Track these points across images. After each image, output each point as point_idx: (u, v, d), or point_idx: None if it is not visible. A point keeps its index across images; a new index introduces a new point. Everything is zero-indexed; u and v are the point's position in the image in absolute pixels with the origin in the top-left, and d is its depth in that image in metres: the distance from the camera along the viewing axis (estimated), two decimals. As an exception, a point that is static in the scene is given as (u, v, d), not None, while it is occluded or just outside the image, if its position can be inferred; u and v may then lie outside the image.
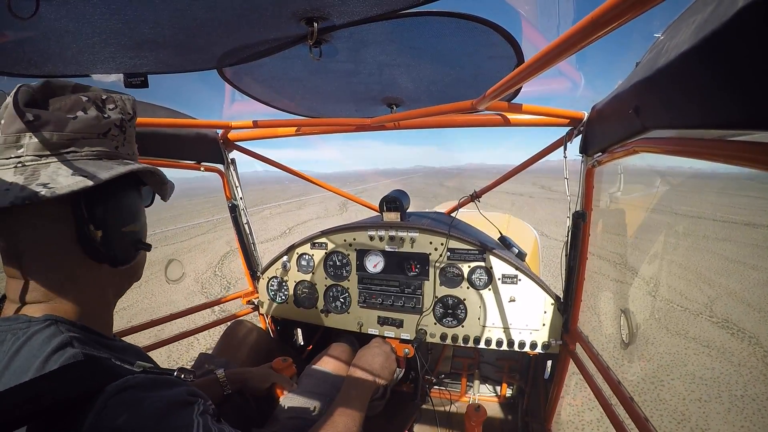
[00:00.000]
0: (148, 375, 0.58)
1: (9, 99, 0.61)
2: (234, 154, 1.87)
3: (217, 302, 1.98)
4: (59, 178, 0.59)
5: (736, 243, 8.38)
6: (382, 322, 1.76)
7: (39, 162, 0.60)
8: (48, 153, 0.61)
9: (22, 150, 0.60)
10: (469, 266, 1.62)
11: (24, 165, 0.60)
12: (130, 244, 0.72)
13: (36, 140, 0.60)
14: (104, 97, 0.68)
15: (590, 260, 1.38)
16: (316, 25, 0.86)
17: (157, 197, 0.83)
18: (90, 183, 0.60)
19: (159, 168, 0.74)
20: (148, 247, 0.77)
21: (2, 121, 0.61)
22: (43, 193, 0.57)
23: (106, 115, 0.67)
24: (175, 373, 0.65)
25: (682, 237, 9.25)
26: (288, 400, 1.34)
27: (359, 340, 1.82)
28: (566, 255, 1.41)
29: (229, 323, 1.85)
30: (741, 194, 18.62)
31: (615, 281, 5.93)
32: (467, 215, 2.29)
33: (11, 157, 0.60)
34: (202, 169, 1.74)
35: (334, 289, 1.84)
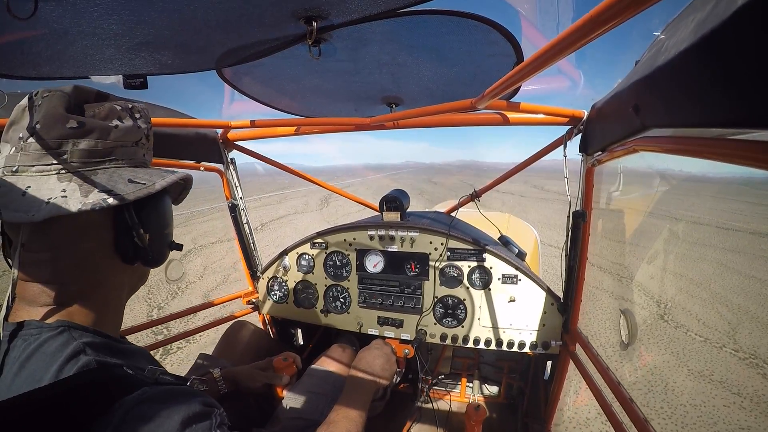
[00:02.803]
0: (164, 386, 0.57)
1: (26, 102, 0.61)
2: (234, 154, 1.87)
3: (217, 302, 1.98)
4: (118, 185, 0.61)
5: (746, 255, 7.75)
6: (382, 322, 1.76)
7: (85, 169, 0.60)
8: (93, 160, 0.62)
9: (65, 156, 0.59)
10: (468, 266, 1.62)
11: (68, 172, 0.59)
12: (166, 245, 0.75)
13: (81, 147, 0.60)
14: (131, 106, 0.69)
15: (591, 272, 1.36)
16: (315, 24, 0.86)
17: None
18: (151, 191, 0.63)
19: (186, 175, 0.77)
20: (180, 247, 0.79)
21: (38, 126, 0.59)
22: (110, 200, 0.58)
23: (138, 125, 0.69)
24: (189, 383, 0.64)
25: (687, 246, 8.59)
26: (289, 400, 1.34)
27: (359, 340, 1.82)
28: (566, 255, 1.41)
29: (229, 323, 1.84)
30: (738, 199, 17.97)
31: (622, 300, 5.34)
32: (467, 215, 2.28)
33: (52, 164, 0.59)
34: (201, 168, 1.74)
35: (334, 289, 1.84)
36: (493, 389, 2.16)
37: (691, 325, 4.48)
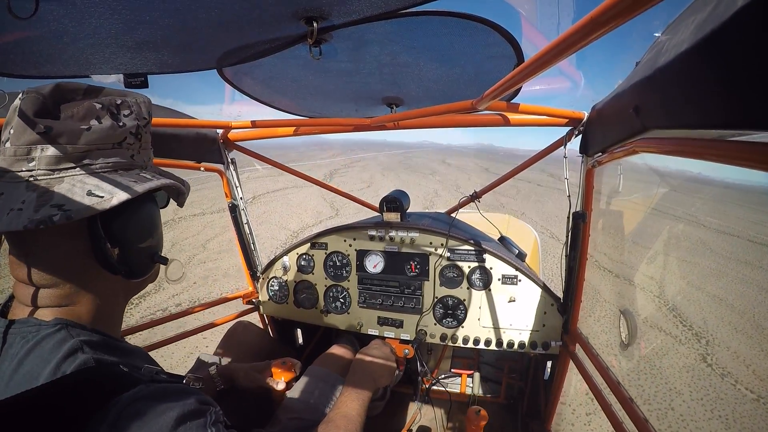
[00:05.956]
0: (160, 384, 0.57)
1: (17, 103, 0.59)
2: (234, 154, 1.87)
3: (217, 302, 1.98)
4: (74, 198, 0.56)
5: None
6: (382, 322, 1.76)
7: (51, 177, 0.58)
8: (61, 167, 0.58)
9: (33, 163, 0.57)
10: (469, 266, 1.62)
11: (36, 179, 0.57)
12: (146, 259, 0.71)
13: (48, 153, 0.57)
14: (119, 102, 0.64)
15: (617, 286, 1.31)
16: (315, 24, 0.86)
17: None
18: (106, 205, 0.57)
19: (175, 181, 0.72)
20: (165, 261, 0.75)
21: (11, 130, 0.57)
22: (57, 217, 0.54)
23: (121, 124, 0.63)
24: (185, 380, 0.65)
25: (723, 262, 7.36)
26: (289, 400, 1.34)
27: (359, 340, 1.82)
28: (566, 255, 1.41)
29: (229, 323, 1.84)
30: (765, 210, 16.30)
31: (657, 331, 4.33)
32: (467, 215, 2.29)
33: (22, 171, 0.57)
34: (202, 168, 1.74)
35: (334, 290, 1.84)
36: (494, 389, 2.16)
37: (738, 373, 3.58)
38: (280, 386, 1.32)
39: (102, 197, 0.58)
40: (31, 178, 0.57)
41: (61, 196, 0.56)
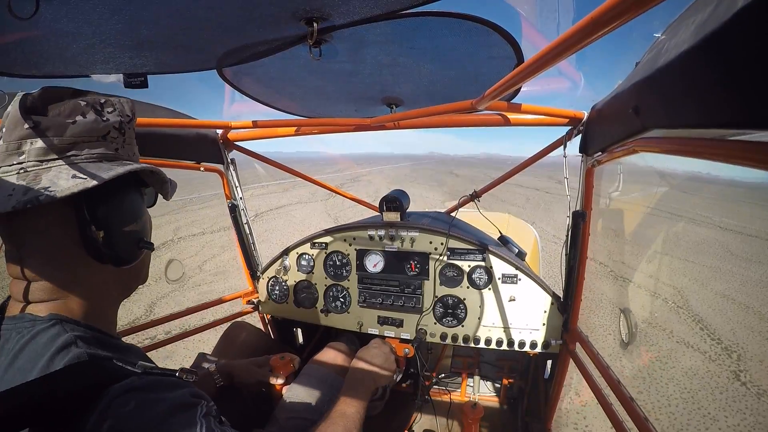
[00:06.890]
0: (151, 377, 0.58)
1: (10, 107, 0.63)
2: (234, 154, 1.87)
3: (217, 302, 1.99)
4: (60, 182, 0.60)
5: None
6: (382, 321, 1.76)
7: (40, 167, 0.62)
8: (49, 158, 0.62)
9: (24, 156, 0.61)
10: (469, 266, 1.62)
11: (26, 170, 0.61)
12: (132, 244, 0.73)
13: (37, 146, 0.62)
14: (102, 100, 0.69)
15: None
16: (315, 25, 0.86)
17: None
18: (89, 185, 0.61)
19: (159, 168, 0.75)
20: (151, 246, 0.77)
21: (4, 129, 0.62)
22: (43, 197, 0.58)
23: (104, 118, 0.68)
24: (177, 374, 0.65)
25: (744, 264, 6.80)
26: (288, 399, 1.34)
27: (359, 339, 1.82)
28: (566, 255, 1.41)
29: (229, 323, 1.84)
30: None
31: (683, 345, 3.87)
32: (467, 215, 2.29)
33: (14, 164, 0.61)
34: (201, 169, 1.74)
35: (334, 289, 1.84)
36: (494, 388, 2.16)
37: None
38: (280, 381, 1.32)
39: (85, 178, 0.62)
40: (22, 170, 0.61)
41: (48, 180, 0.61)
